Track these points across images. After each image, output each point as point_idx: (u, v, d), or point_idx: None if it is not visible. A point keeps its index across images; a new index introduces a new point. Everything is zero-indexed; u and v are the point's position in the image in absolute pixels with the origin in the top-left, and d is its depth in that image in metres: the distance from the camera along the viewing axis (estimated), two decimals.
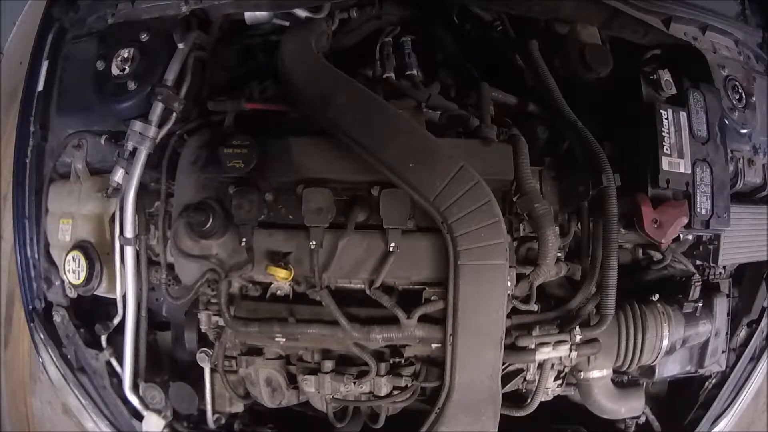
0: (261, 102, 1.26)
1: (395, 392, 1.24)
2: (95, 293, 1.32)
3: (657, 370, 1.39)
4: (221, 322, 1.24)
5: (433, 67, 1.43)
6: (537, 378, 1.28)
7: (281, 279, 1.16)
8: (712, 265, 1.44)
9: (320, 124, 1.15)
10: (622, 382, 1.47)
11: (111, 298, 1.33)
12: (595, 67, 1.32)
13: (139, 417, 1.35)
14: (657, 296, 1.34)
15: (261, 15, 1.30)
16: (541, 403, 1.31)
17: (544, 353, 1.20)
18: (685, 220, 1.20)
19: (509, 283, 1.13)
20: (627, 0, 1.34)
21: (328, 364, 1.21)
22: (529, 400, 1.30)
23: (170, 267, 1.26)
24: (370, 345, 1.19)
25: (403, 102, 1.25)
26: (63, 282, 1.40)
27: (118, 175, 1.20)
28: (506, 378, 1.25)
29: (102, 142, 1.33)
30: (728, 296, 1.48)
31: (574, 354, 1.23)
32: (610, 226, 1.16)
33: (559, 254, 1.25)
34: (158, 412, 1.32)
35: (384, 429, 1.30)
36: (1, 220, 2.18)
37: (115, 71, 1.25)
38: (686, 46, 1.43)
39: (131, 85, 1.22)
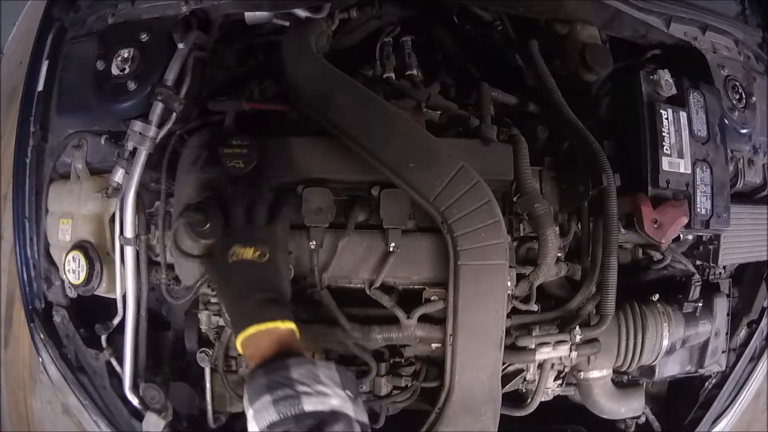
0: (261, 102, 1.25)
1: (395, 392, 1.24)
2: (95, 293, 1.32)
3: (657, 370, 1.38)
4: (221, 322, 1.24)
5: (433, 67, 1.43)
6: (537, 378, 1.28)
7: None
8: (712, 265, 1.44)
9: (320, 124, 1.15)
10: (622, 382, 1.46)
11: (111, 298, 1.33)
12: (595, 67, 1.32)
13: (139, 417, 1.34)
14: (657, 296, 1.34)
15: (261, 15, 1.30)
16: (541, 403, 1.31)
17: (544, 353, 1.20)
18: (685, 220, 1.20)
19: (509, 283, 1.13)
20: (627, 0, 1.34)
21: None
22: (529, 400, 1.30)
23: (170, 267, 1.26)
24: (370, 345, 1.19)
25: (403, 102, 1.25)
26: (63, 282, 1.40)
27: (118, 175, 1.20)
28: (506, 378, 1.25)
29: (102, 142, 1.33)
30: (728, 296, 1.48)
31: (574, 354, 1.23)
32: (610, 226, 1.16)
33: (559, 254, 1.25)
34: (158, 412, 1.32)
35: (384, 429, 1.30)
36: (1, 220, 2.18)
37: (115, 71, 1.24)
38: (686, 46, 1.44)
39: (131, 85, 1.21)
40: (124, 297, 1.29)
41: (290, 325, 0.95)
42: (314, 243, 1.14)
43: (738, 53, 1.55)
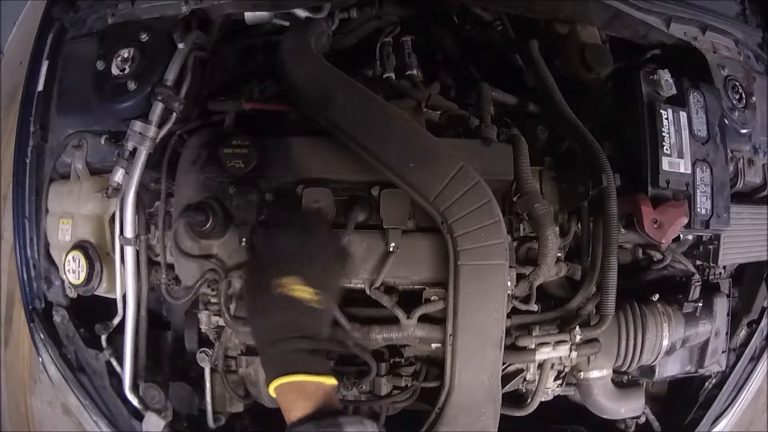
0: (261, 102, 1.26)
1: (395, 392, 1.24)
2: (95, 293, 1.32)
3: (657, 370, 1.38)
4: (221, 322, 1.24)
5: (433, 67, 1.43)
6: (537, 378, 1.28)
7: None
8: (712, 265, 1.44)
9: (320, 124, 1.15)
10: (622, 382, 1.46)
11: (111, 298, 1.33)
12: (595, 67, 1.32)
13: (139, 417, 1.34)
14: (657, 296, 1.34)
15: (261, 15, 1.30)
16: (541, 403, 1.31)
17: (544, 353, 1.20)
18: (685, 220, 1.20)
19: (509, 283, 1.13)
20: (627, 0, 1.34)
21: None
22: (529, 400, 1.30)
23: (170, 267, 1.26)
24: (370, 345, 1.19)
25: (403, 102, 1.25)
26: (63, 282, 1.40)
27: (118, 175, 1.20)
28: (506, 378, 1.25)
29: (102, 142, 1.33)
30: (728, 296, 1.47)
31: (574, 354, 1.23)
32: (610, 226, 1.16)
33: (559, 254, 1.25)
34: (158, 412, 1.32)
35: (384, 429, 1.30)
36: (1, 220, 2.17)
37: (115, 71, 1.25)
38: (686, 46, 1.44)
39: (131, 85, 1.21)
40: (124, 297, 1.29)
41: (334, 382, 0.93)
42: None
43: (738, 53, 1.55)
